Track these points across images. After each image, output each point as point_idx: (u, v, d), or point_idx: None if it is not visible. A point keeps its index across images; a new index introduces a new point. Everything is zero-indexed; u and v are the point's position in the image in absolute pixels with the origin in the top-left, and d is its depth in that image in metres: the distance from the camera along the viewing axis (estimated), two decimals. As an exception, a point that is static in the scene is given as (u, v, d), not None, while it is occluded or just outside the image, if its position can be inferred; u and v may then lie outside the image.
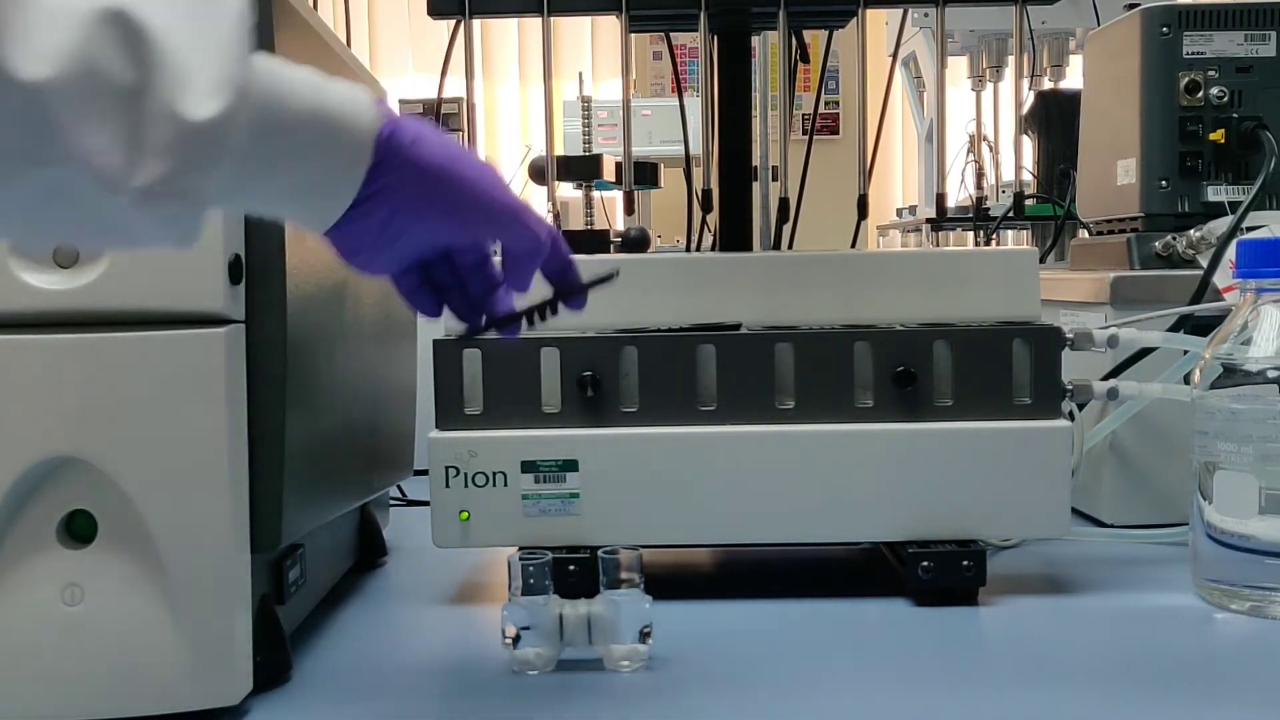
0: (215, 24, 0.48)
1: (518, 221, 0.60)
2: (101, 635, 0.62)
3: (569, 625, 0.69)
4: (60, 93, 0.43)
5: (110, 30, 0.44)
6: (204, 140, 0.46)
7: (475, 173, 0.59)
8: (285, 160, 0.52)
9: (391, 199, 0.56)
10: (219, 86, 0.47)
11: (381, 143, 0.55)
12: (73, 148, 0.44)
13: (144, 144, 0.45)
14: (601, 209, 3.30)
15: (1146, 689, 0.67)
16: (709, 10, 0.99)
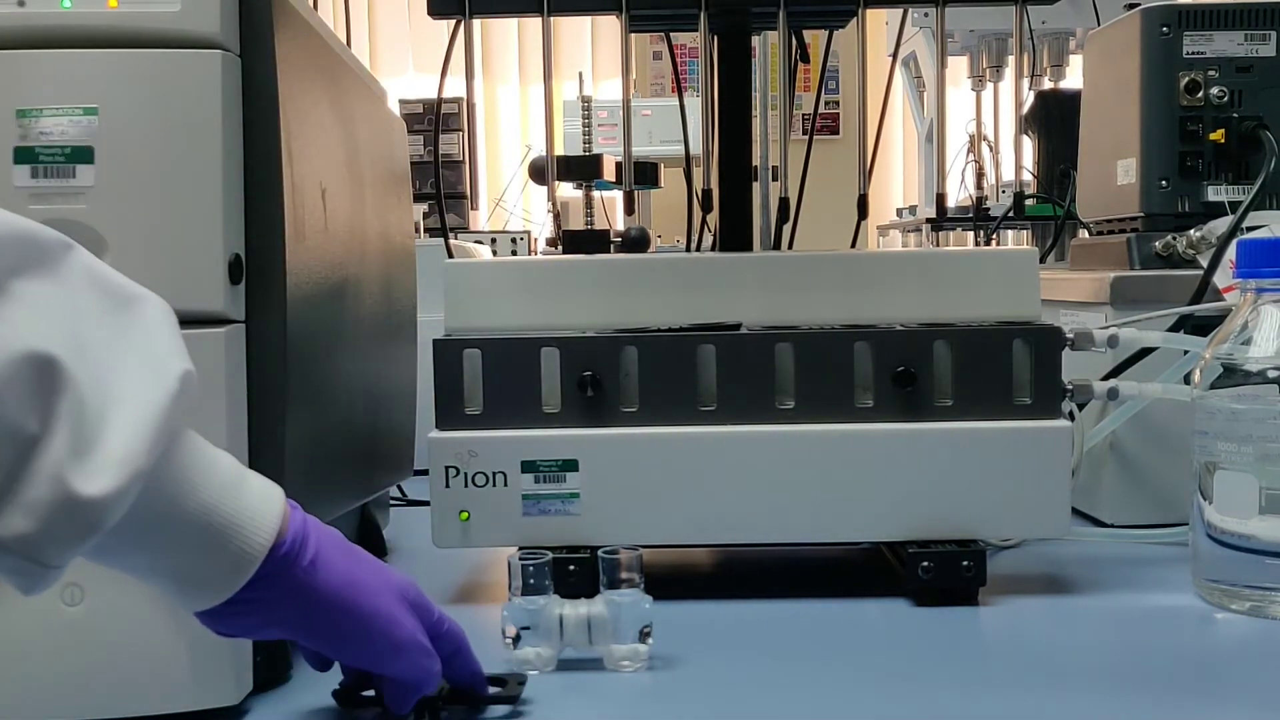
0: (146, 397, 0.47)
1: (402, 659, 0.58)
2: (101, 635, 0.62)
3: (569, 625, 0.69)
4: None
5: (29, 373, 0.43)
6: (79, 515, 0.44)
7: (369, 608, 0.57)
8: (164, 549, 0.51)
9: (265, 612, 0.54)
10: (117, 465, 0.45)
11: (275, 558, 0.53)
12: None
13: (15, 498, 0.43)
14: (602, 209, 3.30)
15: (1146, 689, 0.67)
16: (709, 10, 0.99)
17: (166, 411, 0.47)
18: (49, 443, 0.44)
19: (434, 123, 3.03)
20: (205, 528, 0.51)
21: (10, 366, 0.43)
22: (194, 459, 0.51)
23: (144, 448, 0.46)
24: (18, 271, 0.45)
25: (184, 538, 0.51)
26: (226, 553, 0.52)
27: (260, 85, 0.65)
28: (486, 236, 2.80)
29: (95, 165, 0.61)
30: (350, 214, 0.85)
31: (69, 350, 0.44)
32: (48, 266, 0.46)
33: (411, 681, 0.59)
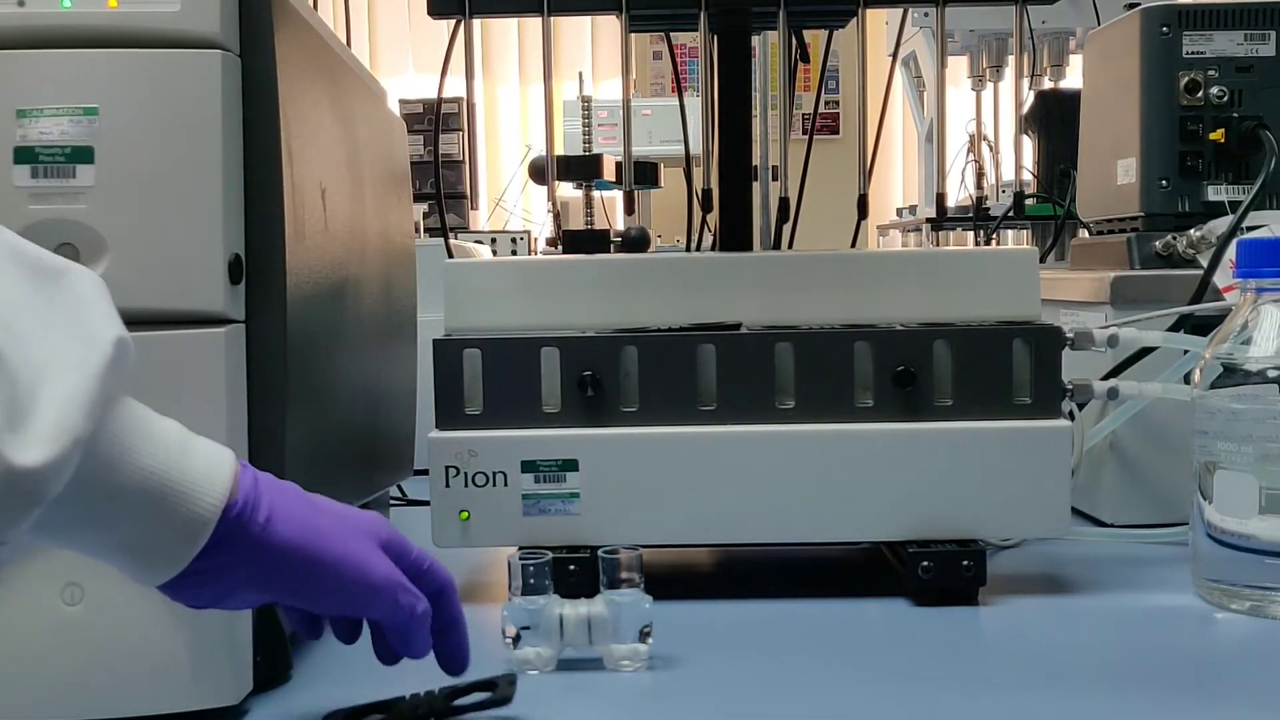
0: (79, 366, 0.46)
1: (383, 600, 0.58)
2: (101, 635, 0.62)
3: (569, 625, 0.69)
4: None
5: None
6: (18, 486, 0.43)
7: (338, 553, 0.56)
8: (111, 521, 0.50)
9: (227, 576, 0.53)
10: (55, 435, 0.44)
11: (228, 520, 0.52)
12: None
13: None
14: (602, 209, 3.31)
15: (1146, 689, 0.67)
16: (709, 10, 0.99)
17: (100, 379, 0.47)
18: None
19: (434, 123, 3.03)
20: (150, 494, 0.50)
21: None
22: (134, 426, 0.50)
23: (80, 416, 0.45)
24: None
25: (130, 507, 0.50)
26: (176, 519, 0.51)
27: (260, 85, 0.65)
28: (486, 236, 2.80)
29: (95, 165, 0.61)
30: (350, 214, 0.85)
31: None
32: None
33: (398, 622, 0.58)
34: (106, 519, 0.50)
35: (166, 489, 0.50)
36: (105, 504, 0.49)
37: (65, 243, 0.61)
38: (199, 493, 0.51)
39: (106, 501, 0.49)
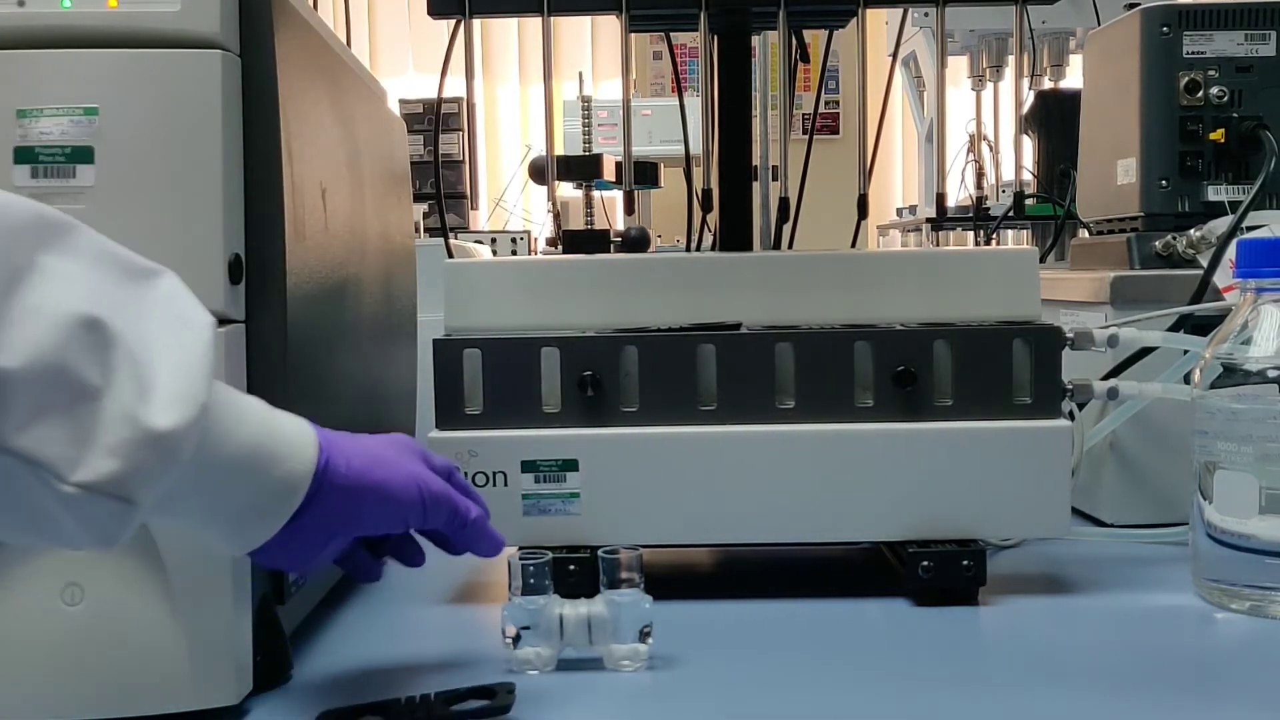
0: (184, 343, 0.51)
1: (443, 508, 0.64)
2: (101, 635, 0.62)
3: (569, 625, 0.69)
4: (20, 384, 0.45)
5: (82, 335, 0.47)
6: (159, 447, 0.48)
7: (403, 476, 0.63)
8: (224, 484, 0.55)
9: (321, 521, 0.59)
10: (182, 399, 0.49)
11: (318, 474, 0.58)
12: (17, 436, 0.45)
13: (96, 443, 0.47)
14: (601, 209, 3.31)
15: (1146, 689, 0.67)
16: (709, 10, 0.99)
17: (206, 353, 0.51)
18: (114, 391, 0.47)
19: (434, 123, 3.04)
20: (251, 460, 0.55)
21: (65, 328, 0.46)
22: (227, 399, 0.55)
23: (199, 384, 0.50)
24: (40, 248, 0.48)
25: (239, 473, 0.55)
26: (274, 481, 0.56)
27: (260, 85, 0.65)
28: (486, 236, 2.80)
29: (95, 165, 0.61)
30: (350, 214, 0.85)
31: (107, 310, 0.48)
32: (62, 242, 0.50)
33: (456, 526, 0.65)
34: (213, 487, 0.54)
35: (264, 454, 0.56)
36: (212, 473, 0.53)
37: (65, 243, 0.61)
38: (293, 454, 0.57)
39: (213, 470, 0.53)
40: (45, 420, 0.46)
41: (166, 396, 0.49)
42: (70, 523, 0.47)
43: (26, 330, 0.46)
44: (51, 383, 0.46)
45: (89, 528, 0.48)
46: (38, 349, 0.46)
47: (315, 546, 0.60)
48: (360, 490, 0.60)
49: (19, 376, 0.45)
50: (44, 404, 0.46)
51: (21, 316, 0.46)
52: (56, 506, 0.47)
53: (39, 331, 0.46)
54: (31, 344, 0.45)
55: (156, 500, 0.50)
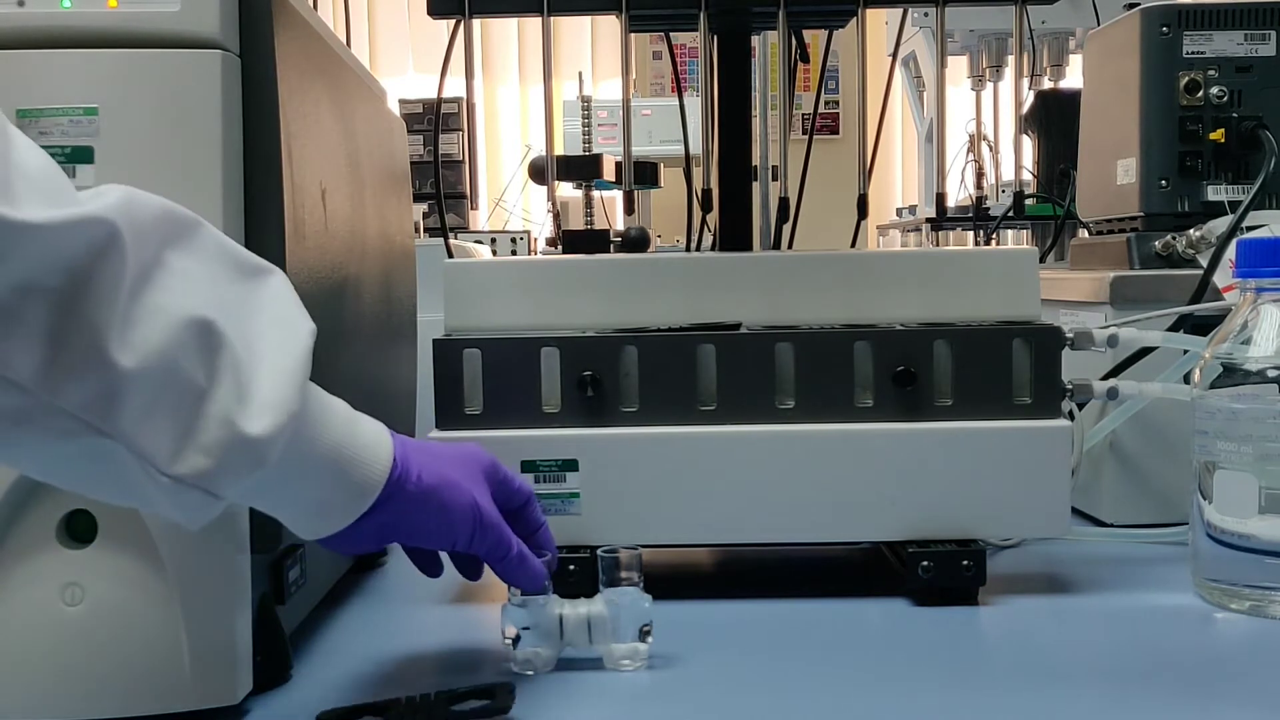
0: (285, 350, 0.54)
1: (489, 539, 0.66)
2: (101, 635, 0.62)
3: (569, 625, 0.69)
4: (139, 381, 0.48)
5: (194, 336, 0.50)
6: (249, 451, 0.52)
7: (465, 501, 0.65)
8: (303, 482, 0.58)
9: (381, 527, 0.62)
10: (275, 407, 0.52)
11: (390, 482, 0.61)
12: (131, 429, 0.49)
13: (193, 440, 0.50)
14: (601, 209, 3.31)
15: (1146, 688, 0.67)
16: (709, 10, 0.99)
17: (303, 362, 0.55)
18: (216, 393, 0.51)
19: (434, 123, 3.03)
20: (336, 462, 0.58)
21: (181, 330, 0.49)
22: (320, 403, 0.58)
23: (292, 392, 0.53)
24: (167, 245, 0.51)
25: (315, 474, 0.58)
26: (351, 483, 0.59)
27: (260, 85, 0.65)
28: (486, 236, 2.80)
29: (95, 165, 0.61)
30: (350, 214, 0.85)
31: (218, 312, 0.51)
32: (186, 239, 0.52)
33: (496, 560, 0.67)
34: (296, 483, 0.58)
35: (345, 458, 0.59)
36: (296, 470, 0.57)
37: (65, 243, 0.61)
38: (370, 461, 0.60)
39: (298, 468, 0.57)
40: (153, 416, 0.49)
41: (262, 402, 0.52)
42: (163, 504, 0.52)
43: (147, 331, 0.48)
44: (163, 382, 0.49)
45: (177, 510, 0.52)
46: (156, 350, 0.49)
47: (369, 544, 0.63)
48: (422, 507, 0.63)
49: (136, 375, 0.48)
50: (154, 401, 0.49)
51: (144, 317, 0.49)
52: (153, 489, 0.50)
53: (158, 333, 0.49)
54: (151, 345, 0.48)
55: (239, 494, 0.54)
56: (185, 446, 0.50)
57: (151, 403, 0.49)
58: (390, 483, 0.61)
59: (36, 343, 0.46)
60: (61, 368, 0.46)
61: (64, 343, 0.46)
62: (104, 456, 0.49)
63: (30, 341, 0.46)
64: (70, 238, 0.46)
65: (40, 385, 0.46)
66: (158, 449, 0.50)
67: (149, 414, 0.49)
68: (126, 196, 0.49)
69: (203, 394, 0.50)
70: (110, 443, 0.49)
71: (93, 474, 0.51)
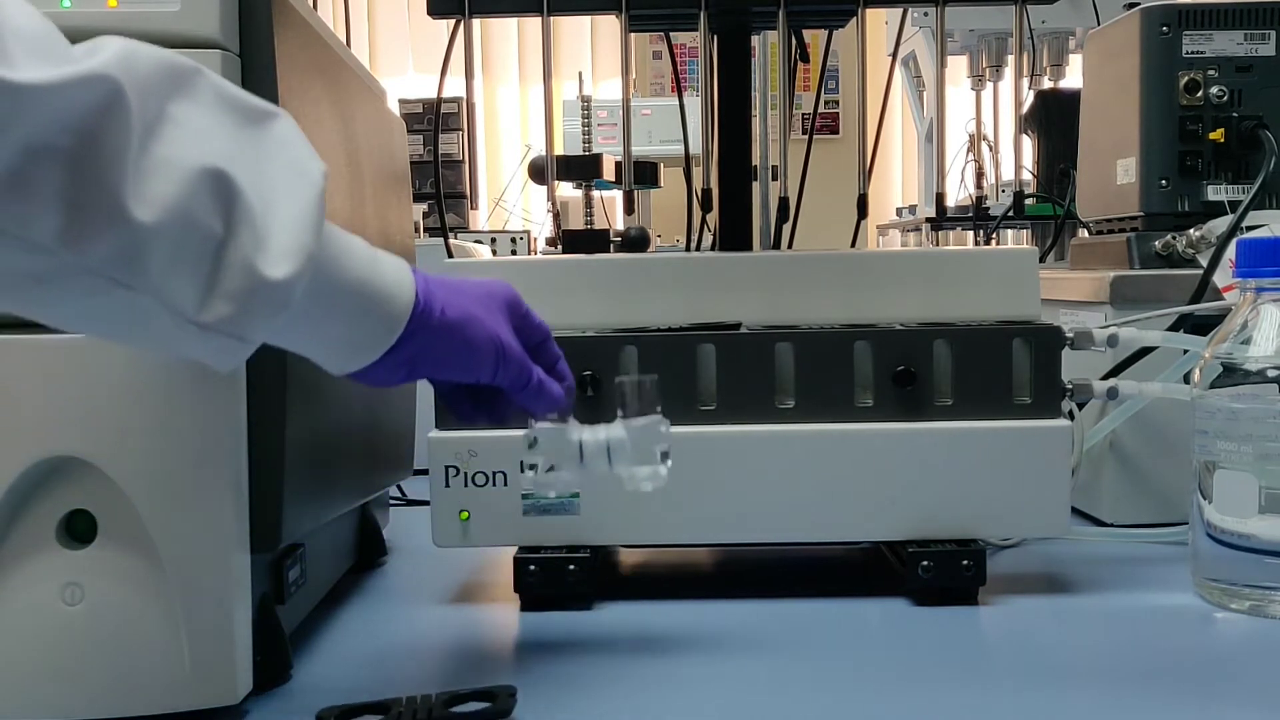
0: (298, 193, 0.54)
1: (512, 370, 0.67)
2: (101, 635, 0.62)
3: (589, 450, 0.69)
4: (158, 236, 0.49)
5: (208, 187, 0.50)
6: (271, 295, 0.53)
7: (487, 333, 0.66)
8: (329, 320, 0.59)
9: (407, 360, 0.63)
10: (293, 251, 0.53)
11: (414, 316, 0.61)
12: (156, 282, 0.50)
13: (216, 288, 0.51)
14: (601, 208, 3.30)
15: (1146, 688, 0.67)
16: (709, 10, 0.99)
17: (318, 204, 0.55)
18: (234, 241, 0.51)
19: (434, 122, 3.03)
20: (359, 298, 0.59)
21: (193, 182, 0.50)
22: (339, 242, 0.58)
23: (309, 236, 0.54)
24: (169, 98, 0.51)
25: (343, 310, 0.59)
26: (375, 318, 0.60)
27: (260, 85, 0.65)
28: (486, 236, 2.80)
29: (95, 165, 0.61)
30: (350, 214, 0.85)
31: (229, 161, 0.51)
32: (188, 89, 0.52)
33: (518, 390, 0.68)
34: (321, 321, 0.58)
35: (367, 294, 0.59)
36: (320, 309, 0.57)
37: (65, 243, 0.61)
38: (393, 296, 0.60)
39: (321, 307, 0.57)
40: (176, 268, 0.50)
41: (280, 248, 0.52)
42: (194, 351, 0.53)
43: (159, 184, 0.49)
44: (182, 234, 0.49)
45: (209, 355, 0.54)
46: (171, 203, 0.49)
47: (400, 377, 0.64)
48: (448, 341, 0.64)
49: (155, 230, 0.48)
50: (175, 253, 0.50)
51: (154, 169, 0.49)
52: (183, 337, 0.52)
53: (172, 186, 0.49)
54: (166, 198, 0.49)
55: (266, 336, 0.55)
56: (210, 295, 0.51)
57: (173, 255, 0.50)
58: (414, 317, 0.61)
59: (53, 205, 0.46)
60: (81, 227, 0.47)
61: (80, 203, 0.46)
62: (133, 309, 0.50)
63: (47, 204, 0.46)
64: (74, 97, 0.46)
65: (63, 246, 0.47)
66: (184, 299, 0.51)
67: (172, 266, 0.50)
68: (125, 50, 0.49)
69: (221, 243, 0.51)
70: (138, 296, 0.50)
71: (124, 326, 0.52)
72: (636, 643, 0.77)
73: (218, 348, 0.53)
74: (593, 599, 0.84)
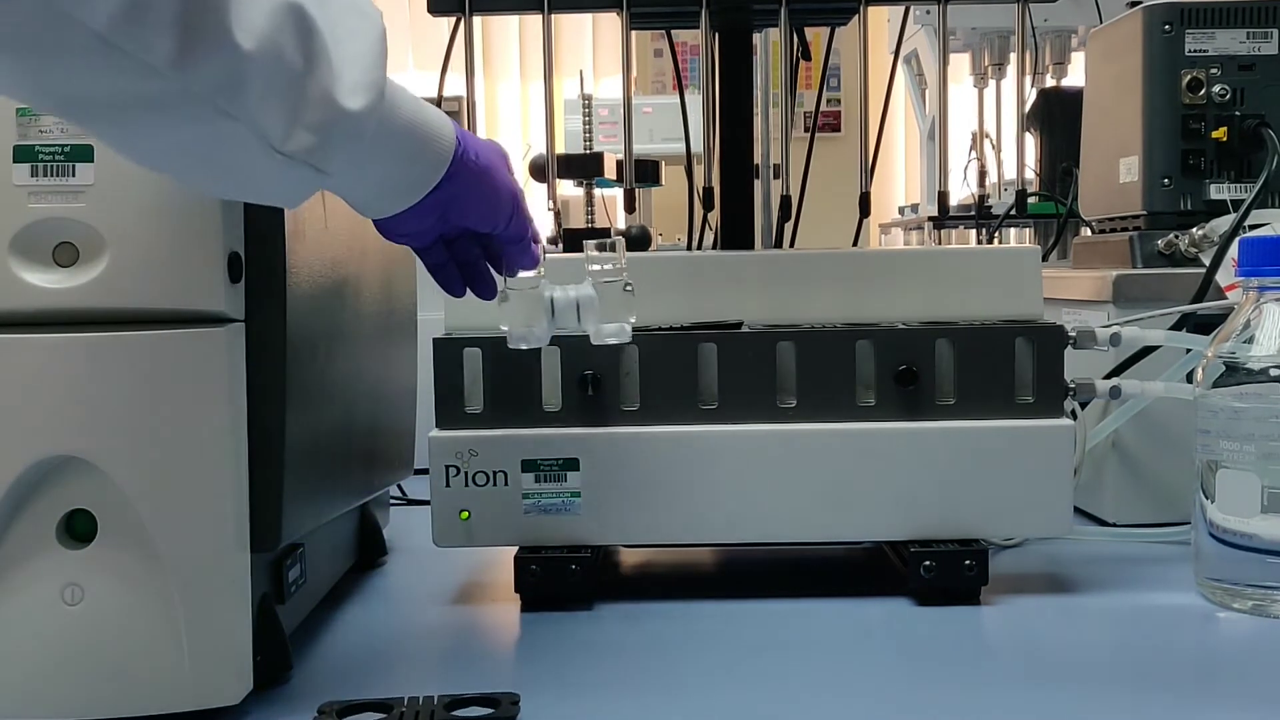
0: (364, 33, 0.58)
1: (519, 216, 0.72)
2: (101, 635, 0.62)
3: (559, 306, 0.75)
4: (255, 63, 0.51)
5: (291, 21, 0.53)
6: (349, 126, 0.56)
7: (504, 180, 0.70)
8: (385, 157, 0.62)
9: (442, 201, 0.66)
10: (366, 86, 0.57)
11: (456, 156, 0.65)
12: (253, 110, 0.52)
13: (300, 119, 0.54)
14: (602, 207, 3.30)
15: (1148, 688, 0.67)
16: (710, 7, 0.99)
17: (382, 41, 0.58)
18: (314, 74, 0.54)
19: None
20: (411, 137, 0.63)
21: (280, 13, 0.52)
22: (392, 86, 0.61)
23: (378, 71, 0.57)
24: None
25: (399, 147, 0.62)
26: (425, 156, 0.64)
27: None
28: (487, 235, 2.79)
29: (94, 164, 0.61)
30: (350, 212, 0.85)
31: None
32: None
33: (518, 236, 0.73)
34: (381, 157, 0.62)
35: (418, 134, 0.63)
36: (382, 145, 0.61)
37: (64, 241, 0.61)
38: (439, 137, 0.65)
39: (383, 143, 0.60)
40: (269, 96, 0.52)
41: (353, 81, 0.56)
42: (273, 183, 0.56)
43: (255, 15, 0.51)
44: (274, 64, 0.52)
45: (286, 186, 0.57)
46: (265, 33, 0.51)
47: (428, 221, 0.68)
48: (478, 185, 0.68)
49: (254, 57, 0.51)
50: (268, 83, 0.52)
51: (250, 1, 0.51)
52: (267, 167, 0.54)
53: (264, 17, 0.51)
54: (260, 28, 0.51)
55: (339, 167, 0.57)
56: (294, 125, 0.54)
57: (266, 84, 0.52)
58: (455, 159, 0.65)
59: (168, 27, 0.48)
60: (193, 51, 0.49)
61: (192, 26, 0.48)
62: (228, 139, 0.52)
63: (163, 26, 0.48)
64: None
65: (176, 70, 0.49)
66: (272, 128, 0.53)
67: (265, 95, 0.52)
68: None
69: (302, 75, 0.53)
70: (235, 124, 0.52)
71: (213, 158, 0.54)
72: (637, 643, 0.76)
73: (297, 178, 0.56)
74: (593, 599, 0.84)
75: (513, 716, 0.63)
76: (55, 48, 0.47)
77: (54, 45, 0.47)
